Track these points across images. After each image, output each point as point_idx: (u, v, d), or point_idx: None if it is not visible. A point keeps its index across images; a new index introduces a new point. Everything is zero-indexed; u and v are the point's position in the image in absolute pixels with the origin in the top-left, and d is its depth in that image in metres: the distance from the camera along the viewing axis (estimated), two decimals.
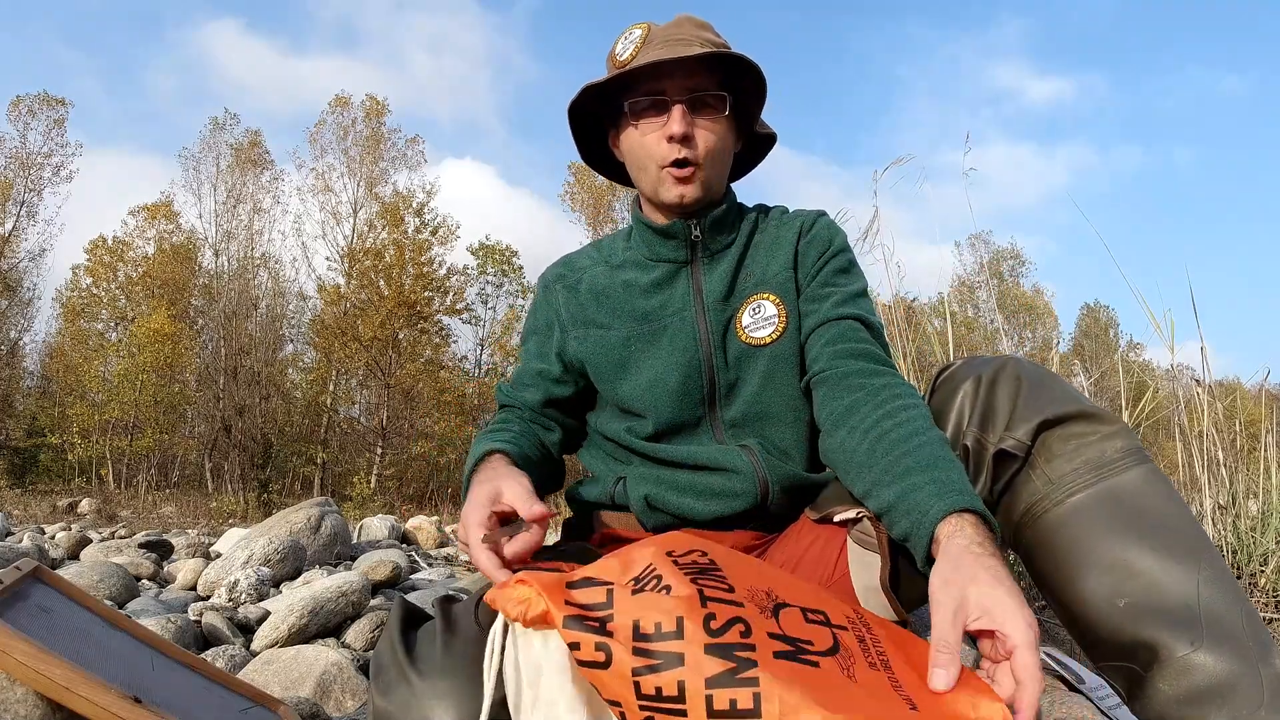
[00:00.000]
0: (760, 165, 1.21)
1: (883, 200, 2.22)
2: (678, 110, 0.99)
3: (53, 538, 3.75)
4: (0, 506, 9.62)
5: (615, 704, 0.55)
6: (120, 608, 1.89)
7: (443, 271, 22.84)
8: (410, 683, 0.65)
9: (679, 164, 1.00)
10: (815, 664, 0.56)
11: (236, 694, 1.08)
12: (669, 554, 0.64)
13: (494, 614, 0.63)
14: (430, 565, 3.30)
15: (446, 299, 23.00)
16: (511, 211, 41.45)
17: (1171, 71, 51.57)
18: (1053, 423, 0.78)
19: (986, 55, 51.04)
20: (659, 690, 0.54)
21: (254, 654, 1.54)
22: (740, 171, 1.19)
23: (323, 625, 1.71)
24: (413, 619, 0.75)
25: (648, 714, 0.54)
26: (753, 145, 1.17)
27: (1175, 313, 1.68)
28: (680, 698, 0.53)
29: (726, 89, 1.03)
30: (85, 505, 10.75)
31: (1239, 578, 1.45)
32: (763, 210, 1.14)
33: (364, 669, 1.48)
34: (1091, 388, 2.11)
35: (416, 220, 22.45)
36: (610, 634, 0.56)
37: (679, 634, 0.56)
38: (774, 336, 1.03)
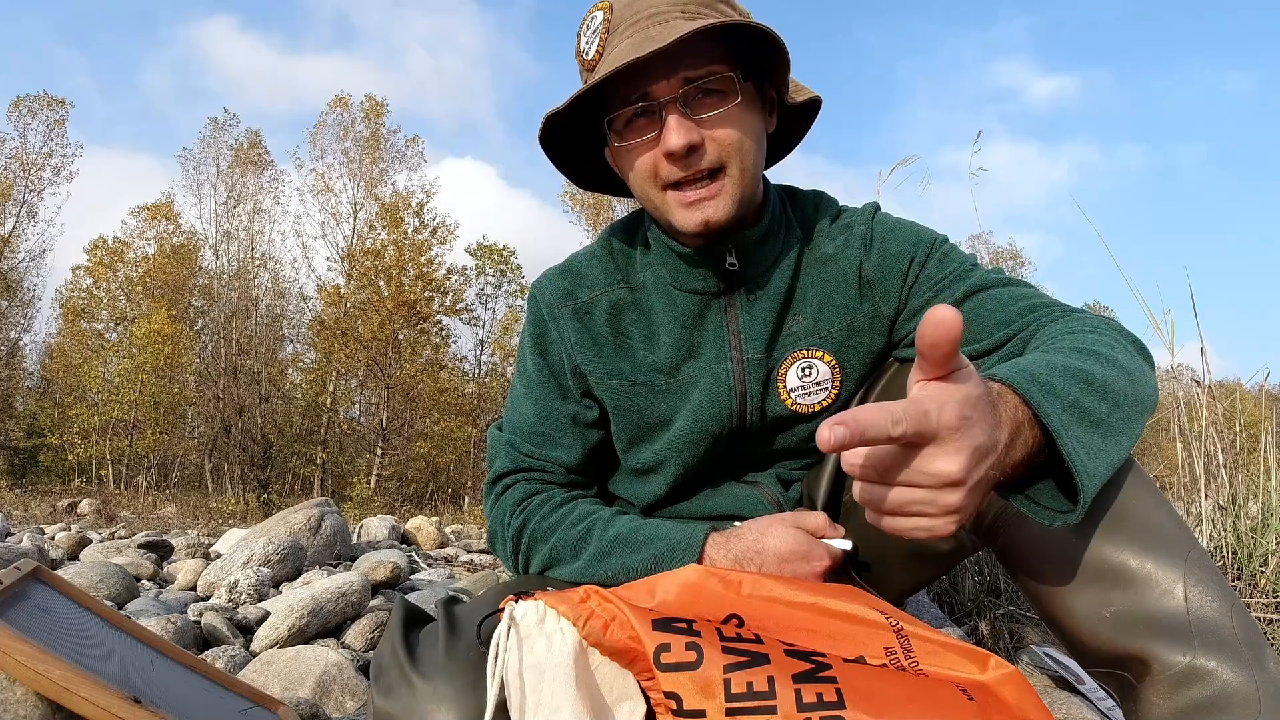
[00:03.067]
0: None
1: (886, 201, 2.22)
2: (673, 117, 0.77)
3: (52, 538, 3.74)
4: (0, 507, 9.62)
5: (698, 713, 0.56)
6: (120, 608, 1.89)
7: (442, 272, 22.88)
8: (412, 684, 0.65)
9: (691, 181, 0.79)
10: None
11: (236, 694, 1.08)
12: (718, 633, 0.64)
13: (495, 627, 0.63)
14: (430, 566, 3.30)
15: (446, 299, 23.02)
16: (511, 211, 41.50)
17: (1176, 69, 51.71)
18: None
19: (990, 52, 51.08)
20: (750, 686, 0.55)
21: (254, 654, 1.53)
22: (777, 154, 0.95)
23: (322, 626, 1.71)
24: (414, 620, 0.74)
25: (735, 719, 0.55)
26: (787, 119, 0.91)
27: (1175, 313, 1.68)
28: (770, 693, 0.55)
29: (734, 59, 0.79)
30: (85, 506, 10.75)
31: (1239, 578, 1.45)
32: (805, 211, 0.93)
33: (364, 669, 1.48)
34: None
35: (416, 220, 22.48)
36: (699, 634, 0.58)
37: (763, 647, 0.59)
38: (826, 403, 0.89)
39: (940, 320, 0.47)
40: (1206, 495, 1.61)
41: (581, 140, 0.89)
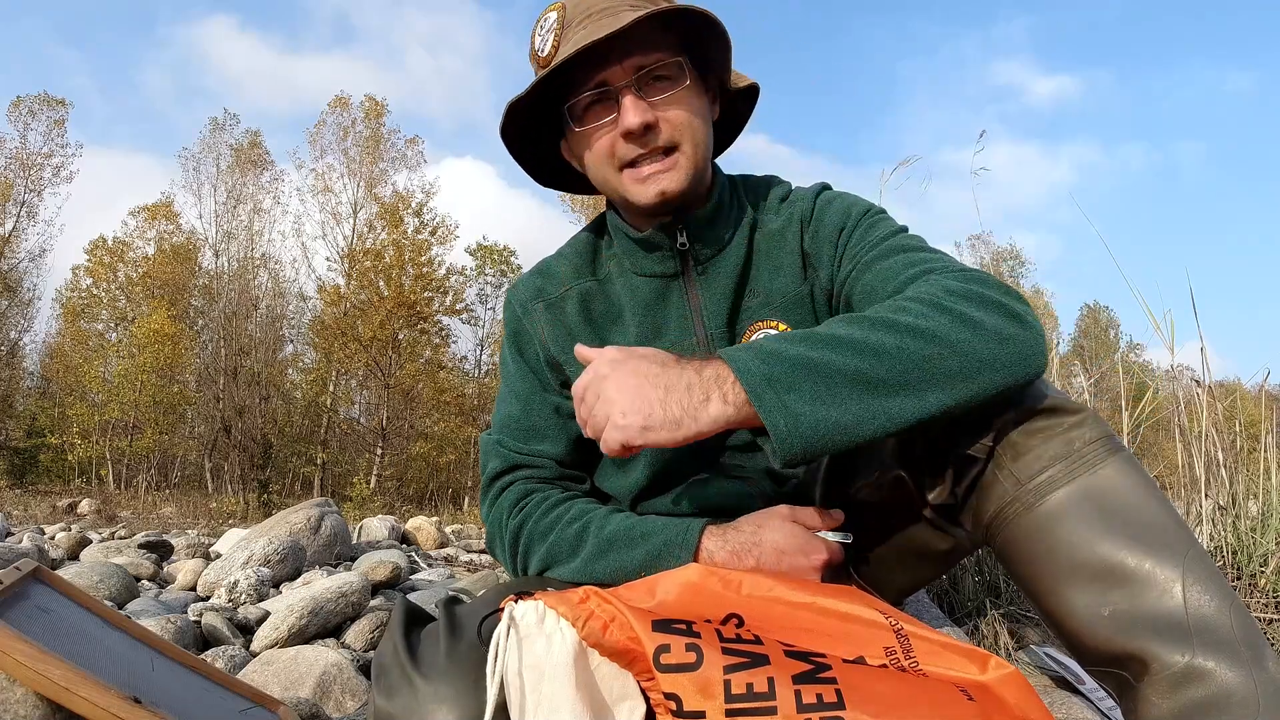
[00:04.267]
0: (762, 167, 1.03)
1: (887, 201, 2.22)
2: (628, 99, 0.83)
3: (52, 538, 3.75)
4: (0, 507, 9.62)
5: (698, 714, 0.56)
6: (120, 608, 1.89)
7: (442, 272, 22.88)
8: (413, 684, 0.64)
9: (646, 158, 0.85)
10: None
11: (236, 694, 1.08)
12: (718, 634, 0.64)
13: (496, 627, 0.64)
14: (430, 566, 3.30)
15: (446, 299, 23.03)
16: (511, 211, 41.50)
17: (1177, 69, 51.76)
18: (1015, 419, 0.71)
19: (991, 52, 51.13)
20: (750, 687, 0.56)
21: (254, 654, 1.54)
22: (721, 143, 1.01)
23: (322, 626, 1.71)
24: (415, 620, 0.74)
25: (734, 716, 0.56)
26: (729, 107, 0.98)
27: (1175, 313, 1.68)
28: (770, 694, 0.55)
29: (681, 47, 0.86)
30: (85, 506, 10.75)
31: (1239, 578, 1.45)
32: (757, 193, 0.98)
33: (364, 670, 1.48)
34: (1091, 388, 2.11)
35: (416, 220, 22.48)
36: (699, 635, 0.59)
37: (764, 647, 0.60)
38: None
39: None
40: (1206, 495, 1.61)
41: (539, 137, 0.95)
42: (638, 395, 0.68)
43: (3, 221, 22.51)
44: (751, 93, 0.97)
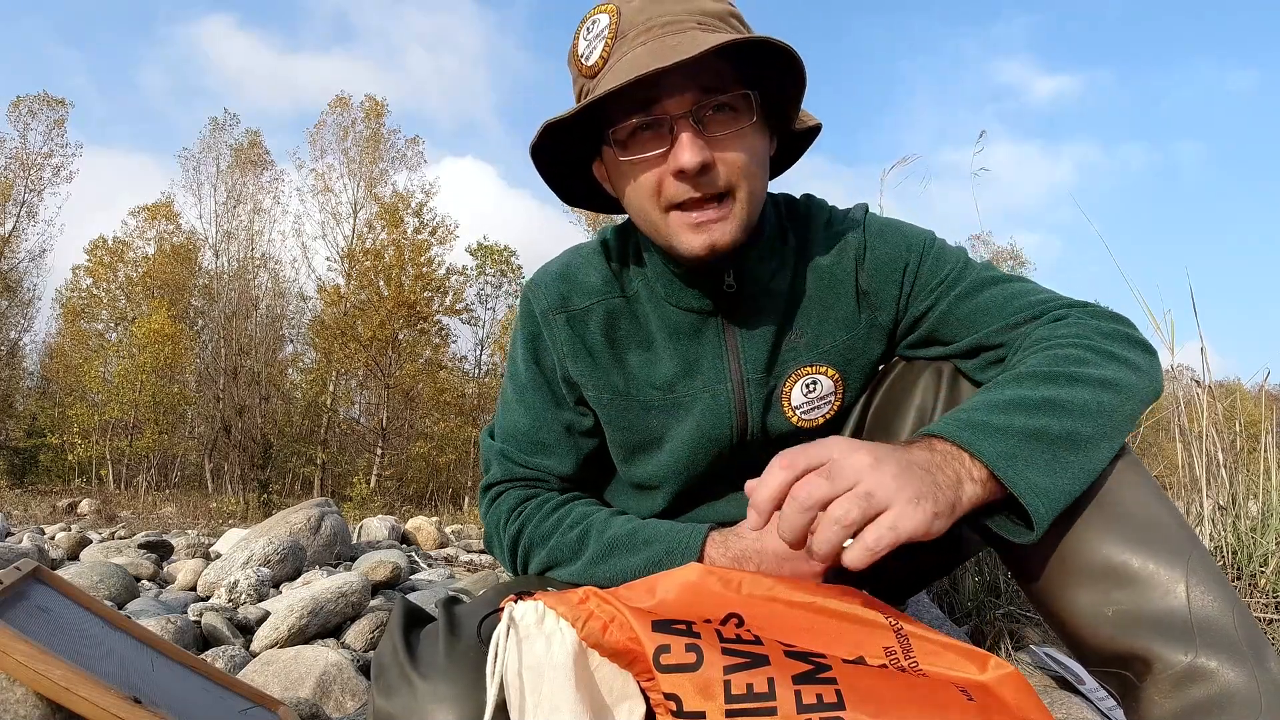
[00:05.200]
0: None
1: (887, 200, 2.22)
2: (685, 134, 0.72)
3: (52, 538, 3.74)
4: (0, 507, 9.62)
5: (698, 715, 0.56)
6: (120, 608, 1.89)
7: (442, 271, 22.89)
8: (412, 684, 0.64)
9: (699, 203, 0.75)
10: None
11: (236, 694, 1.08)
12: (718, 634, 0.64)
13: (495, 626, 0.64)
14: (430, 566, 3.29)
15: (446, 299, 23.03)
16: (511, 211, 41.50)
17: (1177, 68, 51.75)
18: None
19: (991, 52, 51.09)
20: (750, 688, 0.56)
21: (254, 654, 1.54)
22: (772, 174, 0.91)
23: (322, 626, 1.71)
24: (415, 620, 0.74)
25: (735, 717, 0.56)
26: (788, 142, 0.90)
27: (1175, 313, 1.68)
28: (770, 694, 0.56)
29: (748, 76, 0.76)
30: (85, 506, 10.75)
31: (1239, 578, 1.45)
32: (801, 220, 0.90)
33: (364, 670, 1.48)
34: None
35: (416, 220, 22.49)
36: (699, 635, 0.59)
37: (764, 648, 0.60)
38: (828, 416, 0.89)
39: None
40: (1206, 495, 1.60)
41: (568, 153, 0.84)
42: (914, 475, 0.60)
43: (3, 221, 22.53)
44: (812, 132, 0.88)
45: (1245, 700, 0.60)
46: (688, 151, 0.72)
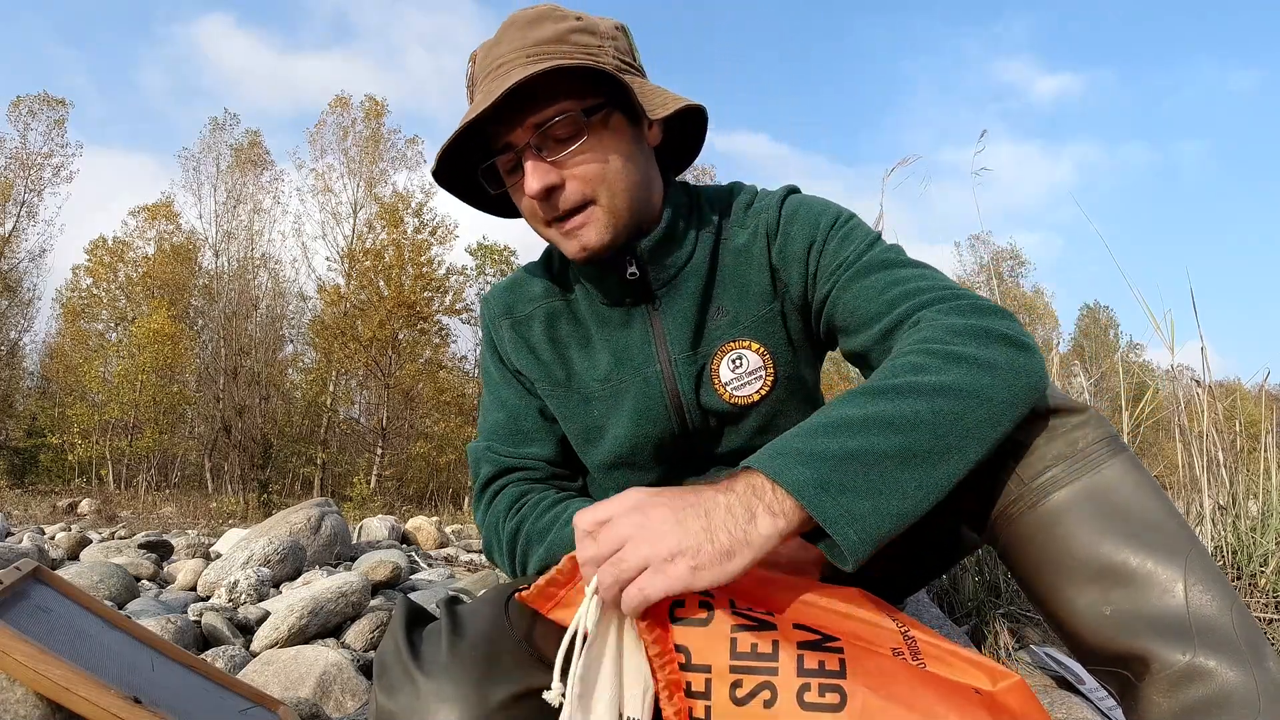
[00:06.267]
0: (763, 166, 1.00)
1: (887, 201, 2.22)
2: (528, 164, 0.79)
3: (52, 538, 3.75)
4: (0, 507, 9.62)
5: (705, 668, 0.58)
6: (120, 608, 1.89)
7: (442, 271, 22.88)
8: (415, 683, 0.64)
9: (560, 219, 0.82)
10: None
11: (236, 694, 1.08)
12: (730, 601, 0.64)
13: (527, 610, 0.66)
14: (430, 566, 3.30)
15: (446, 299, 23.03)
16: None
17: (1179, 68, 51.77)
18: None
19: (993, 51, 51.15)
20: (754, 647, 0.58)
21: (254, 654, 1.54)
22: (680, 157, 0.97)
23: (322, 626, 1.71)
24: (417, 619, 0.74)
25: (737, 675, 0.58)
26: (680, 125, 0.93)
27: (1175, 313, 1.68)
28: (774, 655, 0.57)
29: (585, 92, 0.80)
30: (85, 506, 10.75)
31: (1239, 578, 1.45)
32: (721, 204, 0.94)
33: (364, 669, 1.48)
34: (1091, 388, 2.11)
35: (415, 220, 22.49)
36: (711, 595, 0.60)
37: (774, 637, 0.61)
38: (763, 392, 0.90)
39: None
40: (1207, 495, 1.61)
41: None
42: (679, 527, 0.58)
43: (3, 221, 22.52)
44: (696, 112, 0.90)
45: (1244, 700, 0.60)
46: (531, 179, 0.79)
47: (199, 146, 25.15)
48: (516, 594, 0.66)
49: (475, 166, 0.86)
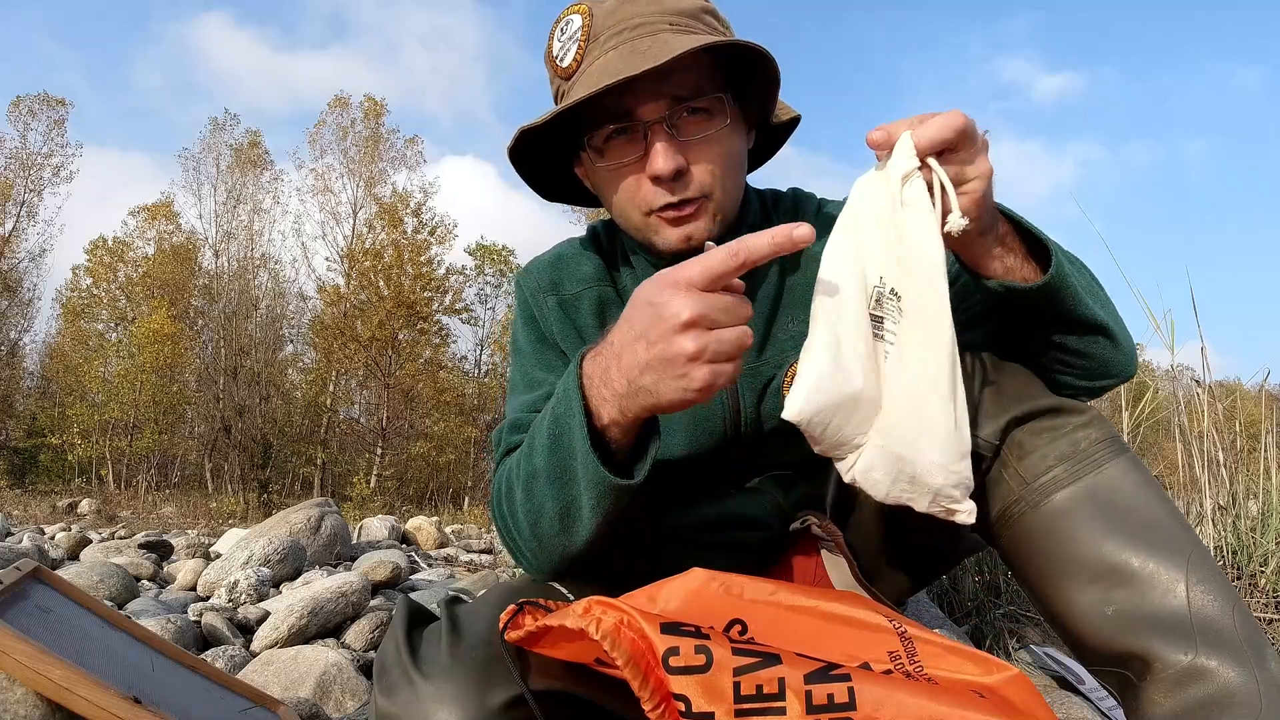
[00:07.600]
0: (763, 165, 0.96)
1: None
2: (659, 141, 0.74)
3: (52, 538, 3.75)
4: (0, 507, 9.62)
5: (707, 715, 0.56)
6: (120, 608, 1.89)
7: (441, 271, 22.89)
8: (414, 684, 0.64)
9: (675, 207, 0.77)
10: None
11: (236, 694, 1.08)
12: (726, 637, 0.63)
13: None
14: (430, 566, 3.30)
15: (445, 299, 23.03)
16: (511, 211, 41.42)
17: (1182, 65, 51.74)
18: (1021, 419, 0.72)
19: (995, 49, 51.10)
20: (759, 689, 0.56)
21: (254, 654, 1.54)
22: (751, 166, 0.92)
23: (322, 626, 1.71)
24: (418, 619, 0.74)
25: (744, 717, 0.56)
26: (767, 133, 0.90)
27: (1175, 313, 1.68)
28: (780, 694, 0.56)
29: (723, 78, 0.77)
30: (85, 506, 10.76)
31: (1239, 578, 1.45)
32: (787, 210, 0.91)
33: (364, 669, 1.48)
34: None
35: (415, 220, 22.49)
36: (707, 636, 0.59)
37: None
38: None
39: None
40: (1207, 495, 1.61)
41: (547, 153, 0.85)
42: None
43: (3, 221, 22.54)
44: (792, 123, 0.89)
45: (1245, 700, 0.60)
46: (661, 158, 0.73)
47: (199, 146, 25.23)
48: (504, 636, 0.63)
49: (535, 137, 0.78)
